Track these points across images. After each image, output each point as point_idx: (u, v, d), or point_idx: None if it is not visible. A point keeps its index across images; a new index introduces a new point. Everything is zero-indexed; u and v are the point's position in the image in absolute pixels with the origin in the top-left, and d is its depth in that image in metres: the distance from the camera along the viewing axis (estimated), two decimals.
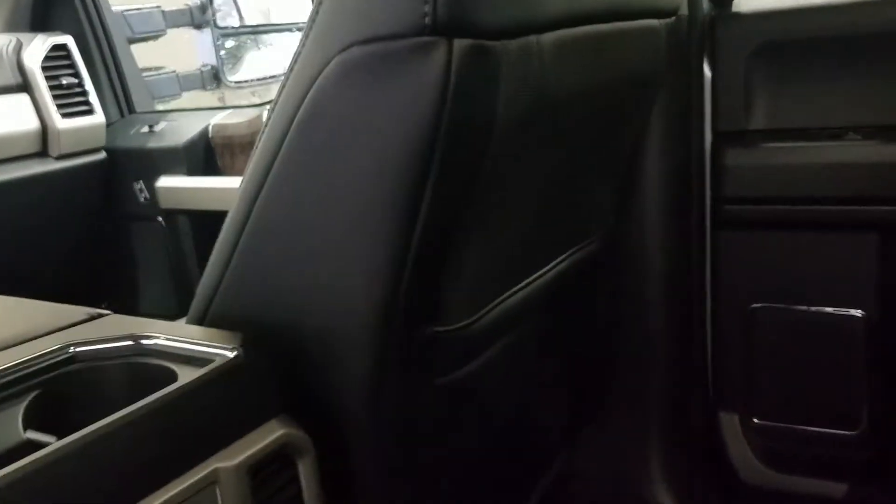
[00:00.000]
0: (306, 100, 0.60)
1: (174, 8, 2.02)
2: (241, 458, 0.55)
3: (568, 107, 0.74)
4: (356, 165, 0.61)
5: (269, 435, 0.58)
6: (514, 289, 0.82)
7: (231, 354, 0.58)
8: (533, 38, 0.63)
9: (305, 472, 0.61)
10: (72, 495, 0.46)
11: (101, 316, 0.67)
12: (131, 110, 1.78)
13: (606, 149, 0.94)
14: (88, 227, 1.69)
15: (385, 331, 0.65)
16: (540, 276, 0.86)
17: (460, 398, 0.80)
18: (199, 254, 1.60)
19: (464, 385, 0.79)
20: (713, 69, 1.07)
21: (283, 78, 0.64)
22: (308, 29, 0.61)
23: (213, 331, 0.63)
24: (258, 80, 2.13)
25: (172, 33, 2.00)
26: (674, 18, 0.94)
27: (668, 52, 0.92)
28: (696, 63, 1.06)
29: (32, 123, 1.55)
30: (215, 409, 0.56)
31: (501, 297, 0.80)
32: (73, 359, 0.59)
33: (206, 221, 1.50)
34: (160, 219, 1.63)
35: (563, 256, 0.90)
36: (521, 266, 0.84)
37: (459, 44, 0.56)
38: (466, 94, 0.57)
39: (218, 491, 0.53)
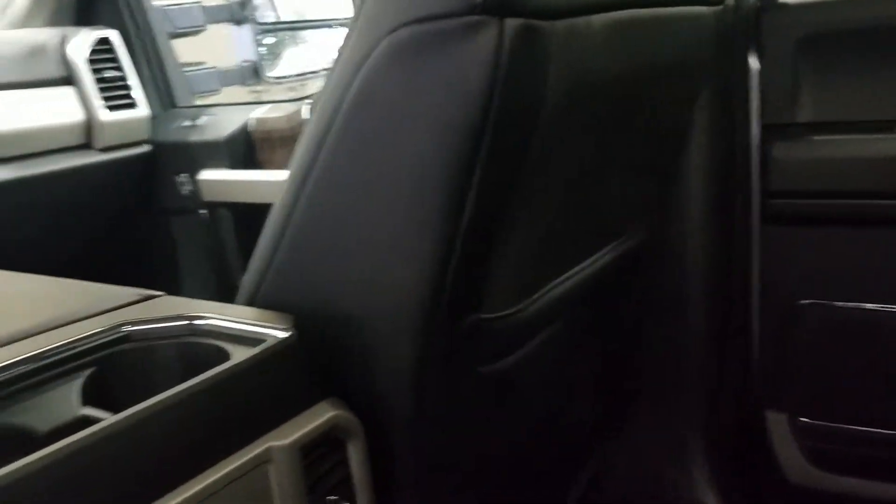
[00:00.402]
0: (355, 84, 0.60)
1: (214, 4, 2.04)
2: (294, 437, 0.55)
3: (612, 92, 0.73)
4: (404, 150, 0.61)
5: (320, 416, 0.58)
6: (557, 280, 0.81)
7: (284, 335, 0.58)
8: (582, 20, 0.62)
9: (355, 454, 0.61)
10: (126, 469, 0.46)
11: (153, 297, 0.67)
12: (173, 104, 1.79)
13: (648, 139, 0.93)
14: (132, 218, 1.71)
15: (430, 318, 0.65)
16: (582, 269, 0.85)
17: (502, 388, 0.80)
18: (240, 246, 1.61)
19: (506, 375, 0.78)
20: (760, 60, 1.05)
21: (332, 64, 0.65)
22: (357, 12, 0.62)
23: (265, 312, 0.64)
24: (296, 75, 2.14)
25: (211, 29, 2.01)
26: (721, 7, 0.92)
27: (714, 40, 0.91)
28: (742, 53, 1.05)
29: (77, 116, 1.57)
30: (268, 389, 0.56)
31: (544, 289, 0.79)
32: (127, 338, 0.59)
33: (247, 214, 1.51)
34: (202, 211, 1.65)
35: (604, 250, 0.89)
36: (563, 257, 0.83)
37: (510, 23, 0.55)
38: (516, 74, 0.57)
39: (271, 469, 0.53)
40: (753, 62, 1.05)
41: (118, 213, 1.70)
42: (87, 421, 0.50)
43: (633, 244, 0.96)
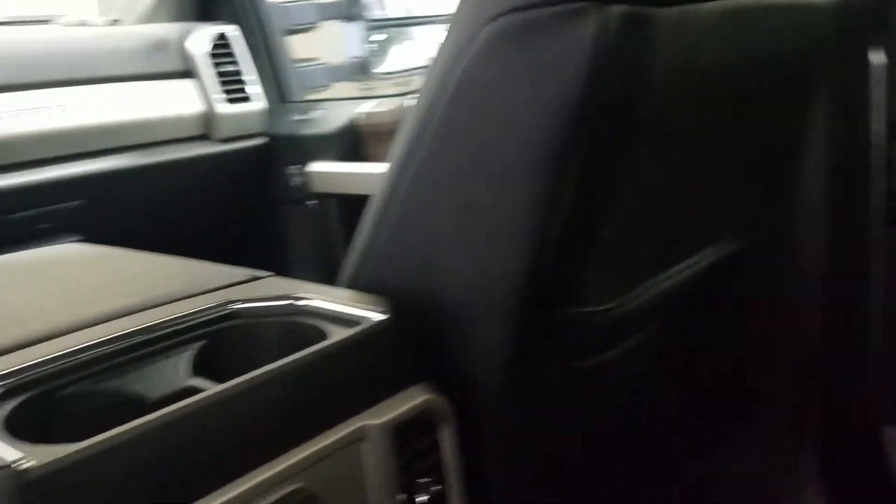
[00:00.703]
0: (455, 75, 0.61)
1: (326, 1, 2.10)
2: (387, 417, 0.56)
3: (722, 84, 0.71)
4: (504, 139, 0.61)
5: (413, 399, 0.59)
6: (656, 279, 0.79)
7: (381, 317, 0.60)
8: (692, 7, 0.61)
9: (447, 438, 0.62)
10: (228, 437, 0.48)
11: (260, 278, 0.70)
12: (286, 99, 1.86)
13: (759, 136, 0.89)
14: (245, 207, 1.78)
15: (526, 308, 0.65)
16: (683, 269, 0.83)
17: (597, 385, 0.79)
18: (345, 235, 1.66)
19: (601, 372, 0.77)
20: (887, 53, 0.99)
21: (434, 56, 0.65)
22: (459, 3, 0.62)
23: (363, 294, 0.65)
24: (403, 71, 2.17)
25: (323, 25, 2.07)
26: None
27: (833, 31, 0.86)
28: (864, 46, 0.99)
29: (197, 108, 1.65)
30: (363, 369, 0.57)
31: (643, 286, 0.78)
32: (235, 314, 0.62)
33: (353, 205, 1.55)
34: (311, 202, 1.70)
35: (708, 250, 0.87)
36: (663, 256, 0.81)
37: (615, 9, 0.54)
38: (620, 63, 0.56)
39: (363, 448, 0.55)
40: (877, 56, 1.00)
41: (232, 201, 1.77)
42: (194, 390, 0.53)
43: (739, 247, 0.93)
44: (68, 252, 0.81)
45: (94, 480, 0.42)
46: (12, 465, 0.40)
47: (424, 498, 0.60)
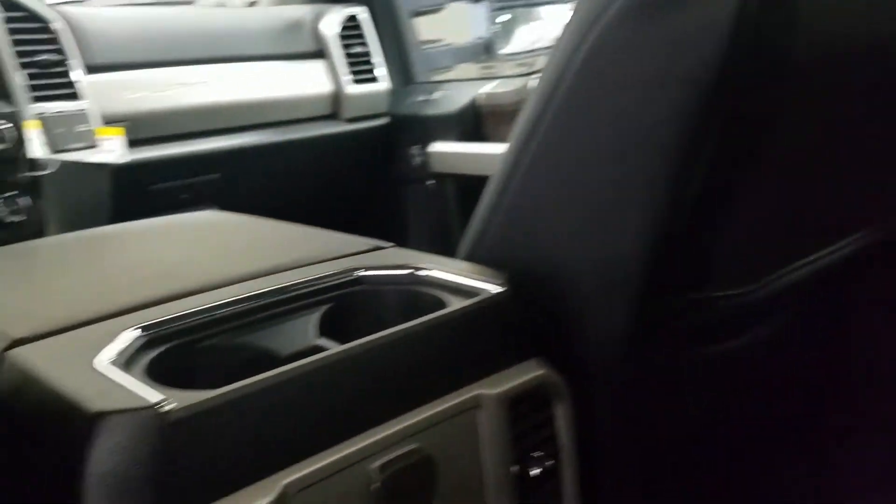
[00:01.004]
0: (582, 50, 0.60)
1: None
2: (503, 388, 0.57)
3: (873, 64, 0.66)
4: (631, 115, 0.60)
5: (529, 373, 0.60)
6: (790, 267, 0.76)
7: (499, 289, 0.60)
8: None
9: (561, 414, 0.62)
10: (349, 394, 0.50)
11: (383, 248, 0.72)
12: (411, 80, 1.89)
13: None
14: (367, 185, 1.83)
15: (647, 289, 0.63)
16: (817, 259, 0.79)
17: (718, 373, 0.76)
18: (462, 216, 1.67)
19: (724, 360, 0.75)
20: None
21: (560, 33, 0.65)
22: None
23: (482, 267, 0.66)
24: (526, 52, 2.16)
25: (449, 7, 2.09)
26: None
27: None
28: None
29: (326, 88, 1.70)
30: (481, 339, 0.58)
31: (774, 275, 0.74)
32: (359, 281, 0.64)
33: (472, 186, 1.56)
34: (430, 182, 1.73)
35: (845, 240, 0.82)
36: (796, 243, 0.78)
37: None
38: (762, 38, 0.54)
39: (479, 416, 0.56)
40: None
41: (355, 179, 1.82)
42: (320, 349, 0.55)
43: (881, 238, 0.87)
44: (207, 218, 0.86)
45: (229, 426, 0.45)
46: (155, 407, 0.43)
47: (537, 471, 0.60)
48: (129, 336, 0.52)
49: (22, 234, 1.26)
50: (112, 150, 1.41)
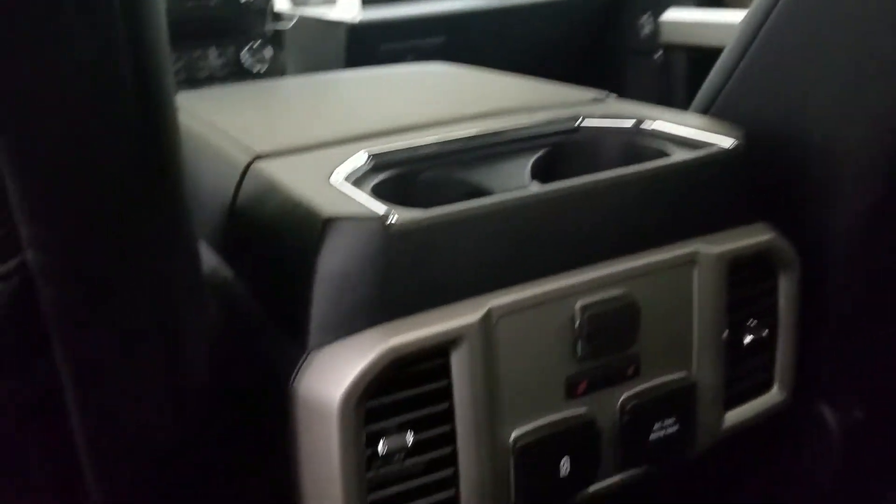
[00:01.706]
0: None
1: None
2: (723, 248, 0.54)
3: None
4: None
5: (754, 236, 0.56)
6: None
7: (729, 144, 0.56)
8: None
9: (786, 285, 0.58)
10: (556, 232, 0.50)
11: (604, 99, 0.69)
12: None
13: None
14: (589, 56, 1.77)
15: None
16: None
17: None
18: (692, 96, 1.57)
19: None
20: None
21: None
22: None
23: (715, 121, 0.62)
24: None
25: None
26: None
27: None
28: None
29: None
30: (704, 193, 0.55)
31: None
32: (579, 129, 0.63)
33: (703, 60, 1.46)
34: (658, 54, 1.63)
35: None
36: None
37: None
38: None
39: (695, 273, 0.53)
40: None
41: (579, 49, 1.76)
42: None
43: None
44: (435, 68, 0.88)
45: (444, 244, 0.46)
46: (381, 218, 0.45)
47: (749, 338, 0.57)
48: (360, 158, 0.55)
49: None
50: (348, 7, 1.47)
